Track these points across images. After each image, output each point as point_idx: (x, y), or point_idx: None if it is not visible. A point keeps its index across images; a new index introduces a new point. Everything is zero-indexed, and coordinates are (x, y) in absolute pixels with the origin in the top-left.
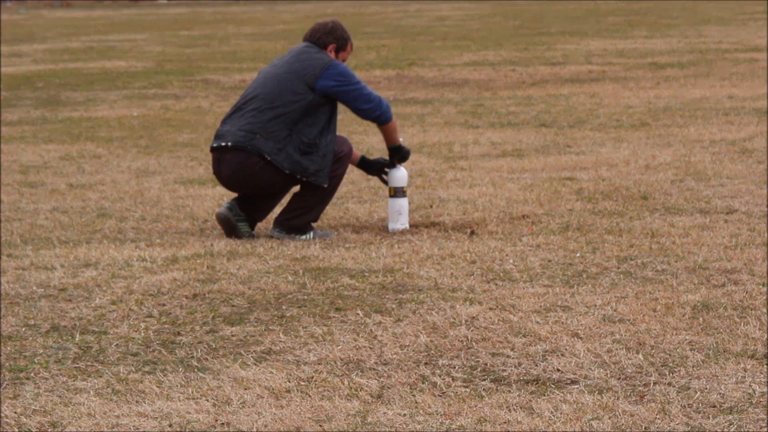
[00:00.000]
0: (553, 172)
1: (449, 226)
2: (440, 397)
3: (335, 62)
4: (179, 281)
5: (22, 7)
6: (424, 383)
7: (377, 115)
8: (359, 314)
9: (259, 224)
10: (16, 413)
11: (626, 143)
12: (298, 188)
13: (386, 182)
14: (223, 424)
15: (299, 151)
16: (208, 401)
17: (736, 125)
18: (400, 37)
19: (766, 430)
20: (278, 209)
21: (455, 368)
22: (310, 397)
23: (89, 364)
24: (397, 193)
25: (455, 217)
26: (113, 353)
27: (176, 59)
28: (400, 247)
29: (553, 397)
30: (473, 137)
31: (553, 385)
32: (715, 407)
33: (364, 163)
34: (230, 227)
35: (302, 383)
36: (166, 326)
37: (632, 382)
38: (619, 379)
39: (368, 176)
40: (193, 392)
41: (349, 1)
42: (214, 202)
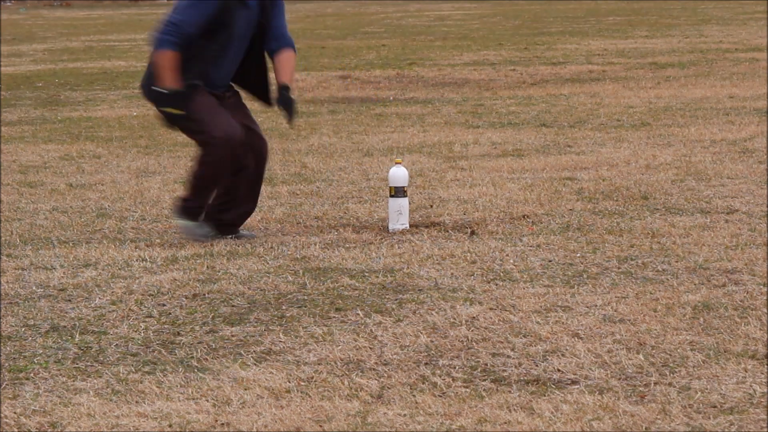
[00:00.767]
0: (553, 172)
1: (449, 226)
2: (440, 397)
3: None
4: (179, 281)
5: (21, 7)
6: (424, 383)
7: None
8: (359, 314)
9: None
10: (15, 413)
11: (627, 143)
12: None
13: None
14: (223, 424)
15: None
16: (208, 401)
17: (736, 125)
18: (400, 36)
19: (766, 430)
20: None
21: (455, 368)
22: (310, 397)
23: (89, 364)
24: (397, 193)
25: (455, 217)
26: (113, 353)
27: None
28: (400, 247)
29: (553, 397)
30: (473, 137)
31: (553, 385)
32: (715, 407)
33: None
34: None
35: (302, 383)
36: (165, 326)
37: (633, 382)
38: (619, 379)
39: (368, 176)
40: (193, 392)
41: (349, 1)
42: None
